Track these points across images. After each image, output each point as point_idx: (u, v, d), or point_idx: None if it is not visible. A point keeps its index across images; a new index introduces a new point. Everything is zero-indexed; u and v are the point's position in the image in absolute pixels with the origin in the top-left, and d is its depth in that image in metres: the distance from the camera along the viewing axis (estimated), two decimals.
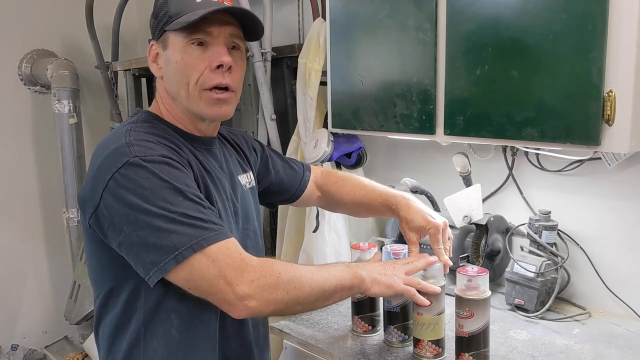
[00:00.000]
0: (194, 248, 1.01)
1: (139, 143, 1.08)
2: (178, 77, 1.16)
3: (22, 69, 2.96)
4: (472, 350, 1.26)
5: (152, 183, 1.03)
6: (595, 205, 1.66)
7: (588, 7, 1.24)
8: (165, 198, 1.02)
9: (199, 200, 1.06)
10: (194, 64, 1.14)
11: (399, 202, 1.41)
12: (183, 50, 1.14)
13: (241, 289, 1.01)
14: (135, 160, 1.04)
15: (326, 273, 1.12)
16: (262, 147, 1.51)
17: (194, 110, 1.19)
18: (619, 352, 1.39)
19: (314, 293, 1.08)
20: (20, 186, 3.02)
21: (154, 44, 1.21)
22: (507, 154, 1.79)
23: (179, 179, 1.05)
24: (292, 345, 1.52)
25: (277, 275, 1.05)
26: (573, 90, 1.29)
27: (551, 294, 1.60)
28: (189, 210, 1.03)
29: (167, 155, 1.08)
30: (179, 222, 1.01)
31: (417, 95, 1.61)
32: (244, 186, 1.33)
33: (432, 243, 1.35)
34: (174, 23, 1.13)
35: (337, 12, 1.82)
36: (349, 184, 1.54)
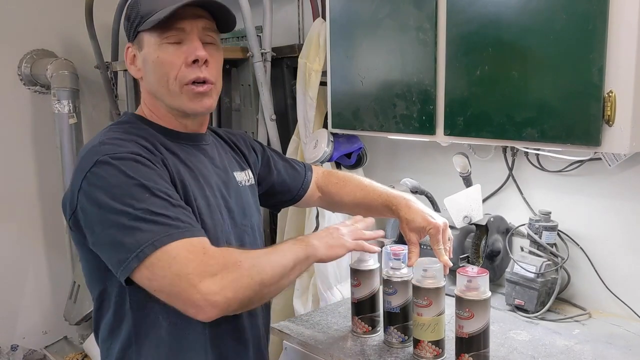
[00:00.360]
0: (155, 245, 0.98)
1: (111, 142, 1.09)
2: (157, 76, 1.17)
3: (22, 69, 2.96)
4: (472, 351, 1.26)
5: (119, 180, 1.02)
6: (596, 206, 1.65)
7: (588, 7, 1.24)
8: (132, 195, 1.01)
9: (166, 197, 1.04)
10: (170, 60, 1.15)
11: (399, 203, 1.40)
12: (158, 48, 1.15)
13: (205, 285, 0.96)
14: (104, 159, 1.04)
15: (280, 251, 1.11)
16: (263, 147, 1.50)
17: (177, 106, 1.19)
18: (619, 353, 1.39)
19: (276, 272, 1.06)
20: (20, 186, 3.02)
21: (129, 46, 1.21)
22: (507, 154, 1.79)
23: (146, 176, 1.04)
24: (292, 346, 1.52)
25: (239, 264, 1.02)
26: (573, 91, 1.29)
27: (551, 294, 1.60)
28: (155, 207, 1.01)
29: (137, 152, 1.07)
30: (143, 219, 0.99)
31: (417, 95, 1.61)
32: (240, 183, 1.32)
33: (432, 244, 1.35)
34: (146, 22, 1.14)
35: (337, 12, 1.81)
36: (350, 184, 1.53)
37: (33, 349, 3.11)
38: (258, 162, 1.46)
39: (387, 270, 1.42)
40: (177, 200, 1.07)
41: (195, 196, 1.16)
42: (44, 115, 3.00)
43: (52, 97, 2.87)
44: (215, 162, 1.28)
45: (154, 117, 1.22)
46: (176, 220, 1.02)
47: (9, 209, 2.97)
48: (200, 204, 1.16)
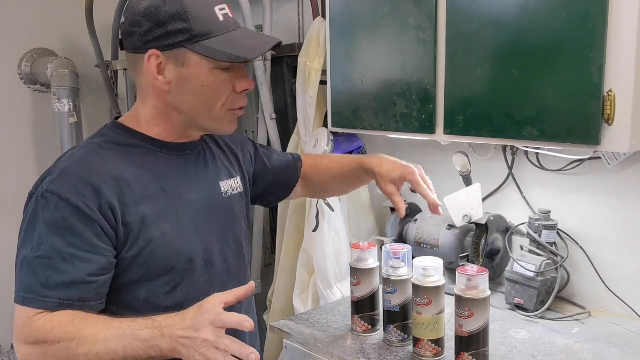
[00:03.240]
0: (15, 299, 1.07)
1: (56, 173, 1.10)
2: (202, 100, 1.14)
3: (22, 68, 2.96)
4: (471, 350, 1.26)
5: (32, 218, 1.08)
6: (595, 205, 1.65)
7: (588, 7, 1.24)
8: (32, 237, 1.07)
9: (54, 256, 1.05)
10: (221, 88, 1.14)
11: (372, 161, 1.41)
12: (210, 73, 1.12)
13: (18, 347, 1.06)
14: (38, 191, 1.08)
15: (115, 339, 1.01)
16: (255, 147, 1.49)
17: (211, 127, 1.20)
18: (618, 352, 1.39)
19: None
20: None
21: (156, 54, 1.10)
22: (507, 153, 1.79)
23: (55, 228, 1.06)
24: (292, 345, 1.52)
25: (47, 343, 1.04)
26: (573, 90, 1.29)
27: (551, 293, 1.60)
28: (37, 264, 1.06)
29: (65, 197, 1.06)
30: (24, 269, 1.07)
31: (417, 94, 1.61)
32: (225, 193, 1.29)
33: (415, 188, 1.34)
34: (203, 48, 1.09)
35: (337, 11, 1.81)
36: (324, 162, 1.56)
37: None
38: (252, 165, 1.44)
39: (387, 269, 1.42)
40: (69, 262, 1.05)
41: (163, 222, 1.14)
42: (44, 114, 3.00)
43: (52, 96, 2.87)
44: (200, 173, 1.25)
45: (145, 127, 1.18)
46: (42, 285, 1.05)
47: (9, 208, 2.97)
48: (168, 229, 1.14)
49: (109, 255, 1.08)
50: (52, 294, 1.04)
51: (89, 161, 1.11)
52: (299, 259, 2.12)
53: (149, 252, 1.11)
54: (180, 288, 1.16)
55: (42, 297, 1.04)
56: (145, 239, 1.11)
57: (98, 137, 1.18)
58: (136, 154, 1.16)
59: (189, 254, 1.17)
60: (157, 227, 1.13)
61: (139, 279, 1.13)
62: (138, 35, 1.11)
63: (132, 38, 1.12)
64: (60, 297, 1.04)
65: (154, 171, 1.16)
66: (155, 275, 1.13)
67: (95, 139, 1.17)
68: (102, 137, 1.18)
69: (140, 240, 1.10)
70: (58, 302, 1.04)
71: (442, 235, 1.74)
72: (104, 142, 1.16)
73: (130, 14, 1.12)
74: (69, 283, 1.05)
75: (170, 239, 1.14)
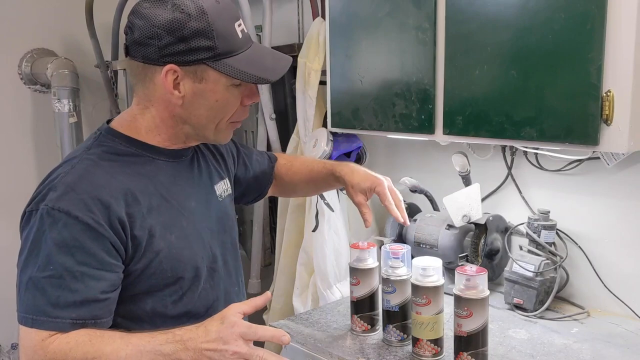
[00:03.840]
0: (22, 321, 1.05)
1: (59, 188, 1.04)
2: (213, 114, 1.14)
3: (22, 68, 2.96)
4: (470, 350, 1.26)
5: (36, 238, 1.04)
6: (594, 205, 1.66)
7: (587, 7, 1.25)
8: (38, 257, 1.03)
9: (65, 276, 1.02)
10: (233, 102, 1.14)
11: (343, 170, 1.44)
12: (226, 90, 1.12)
13: None
14: (42, 210, 1.03)
15: (137, 356, 1.00)
16: (237, 147, 1.49)
17: (212, 138, 1.19)
18: (617, 352, 1.39)
19: None
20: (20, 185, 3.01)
21: (174, 69, 1.08)
22: (506, 153, 1.79)
23: (64, 247, 1.02)
24: (292, 345, 1.52)
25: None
26: (572, 90, 1.30)
27: (550, 293, 1.61)
28: (47, 284, 1.02)
29: (74, 215, 1.02)
30: (30, 290, 1.04)
31: (416, 94, 1.61)
32: (219, 196, 1.30)
33: (381, 201, 1.38)
34: (225, 66, 1.08)
35: (336, 12, 1.82)
36: (296, 163, 1.58)
37: None
38: (235, 165, 1.45)
39: (386, 269, 1.43)
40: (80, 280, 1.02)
41: (169, 232, 1.13)
42: (44, 114, 3.00)
43: (52, 96, 2.87)
44: (196, 179, 1.25)
45: (146, 135, 1.16)
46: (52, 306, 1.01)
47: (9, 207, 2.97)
48: (174, 239, 1.14)
49: (119, 271, 1.07)
50: (63, 314, 1.01)
51: (94, 175, 1.07)
52: (299, 259, 2.12)
53: (157, 263, 1.10)
54: (186, 297, 1.16)
55: (54, 318, 1.01)
56: (153, 251, 1.10)
57: (96, 146, 1.13)
58: (137, 163, 1.14)
59: (195, 262, 1.17)
60: (164, 238, 1.12)
61: (147, 290, 1.12)
62: (155, 47, 1.06)
63: (146, 49, 1.07)
64: (73, 316, 1.02)
65: (156, 180, 1.15)
66: (163, 286, 1.13)
67: (94, 149, 1.12)
68: (101, 146, 1.13)
69: (148, 252, 1.09)
70: (71, 322, 1.02)
71: (441, 235, 1.75)
72: (104, 153, 1.12)
73: (146, 24, 1.06)
74: (80, 302, 1.02)
75: (177, 249, 1.14)
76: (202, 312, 1.18)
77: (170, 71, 1.08)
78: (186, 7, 1.06)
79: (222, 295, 1.24)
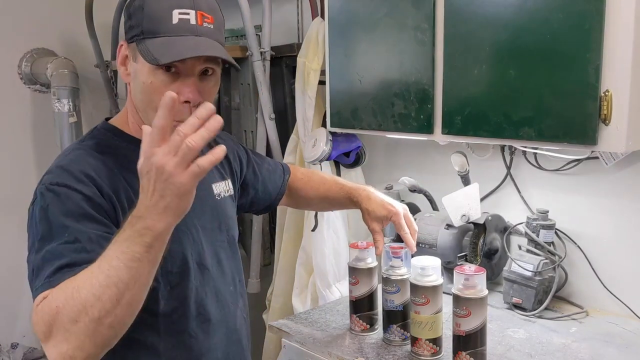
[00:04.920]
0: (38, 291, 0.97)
1: (55, 171, 1.07)
2: (145, 99, 1.11)
3: (22, 67, 2.96)
4: (469, 349, 1.26)
5: (41, 213, 1.03)
6: (593, 204, 1.66)
7: (585, 7, 1.25)
8: (43, 230, 1.02)
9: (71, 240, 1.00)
10: (161, 90, 1.03)
11: (360, 195, 1.46)
12: (151, 72, 1.07)
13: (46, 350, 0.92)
14: (41, 188, 1.05)
15: (105, 261, 0.90)
16: (247, 153, 1.49)
17: None
18: (616, 351, 1.40)
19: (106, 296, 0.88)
20: (20, 185, 3.01)
21: (123, 44, 1.12)
22: (505, 153, 1.80)
23: (67, 211, 1.01)
24: (291, 344, 1.53)
25: (57, 312, 0.89)
26: (570, 90, 1.30)
27: (549, 292, 1.61)
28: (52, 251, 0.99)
29: (72, 186, 1.04)
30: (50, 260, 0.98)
31: (415, 94, 1.62)
32: (218, 195, 1.29)
33: (397, 230, 1.41)
34: (145, 47, 1.06)
35: (335, 12, 1.82)
36: (314, 179, 1.58)
37: (33, 347, 3.11)
38: (243, 171, 1.44)
39: (388, 268, 1.43)
40: (85, 241, 1.00)
41: None
42: (44, 114, 3.00)
43: (52, 96, 2.87)
44: None
45: (135, 128, 1.17)
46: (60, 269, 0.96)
47: (9, 207, 2.98)
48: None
49: None
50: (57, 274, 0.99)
51: (85, 160, 1.10)
52: (298, 259, 2.12)
53: None
54: (175, 292, 1.15)
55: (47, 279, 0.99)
56: None
57: (89, 139, 1.16)
58: (127, 156, 1.12)
59: (183, 257, 1.16)
60: None
61: None
62: (123, 29, 1.14)
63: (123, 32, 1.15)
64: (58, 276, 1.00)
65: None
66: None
67: (87, 142, 1.16)
68: (94, 139, 1.16)
69: None
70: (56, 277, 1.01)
71: (440, 234, 1.75)
72: (96, 145, 1.14)
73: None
74: (72, 260, 1.00)
75: (179, 231, 1.12)
76: (193, 311, 1.18)
77: (122, 46, 1.13)
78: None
79: (212, 294, 1.22)
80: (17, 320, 3.05)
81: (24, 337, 3.08)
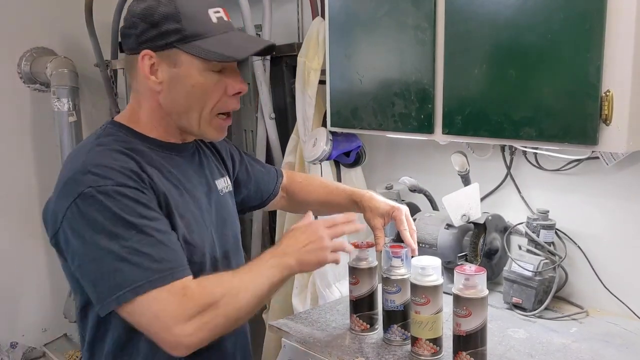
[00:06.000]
0: (136, 291, 0.99)
1: (93, 170, 1.04)
2: (192, 101, 1.14)
3: (22, 67, 2.96)
4: (469, 349, 1.26)
5: (105, 216, 1.01)
6: (593, 205, 1.66)
7: (586, 7, 1.25)
8: (117, 232, 1.01)
9: (153, 234, 1.03)
10: (212, 90, 1.14)
11: (364, 196, 1.50)
12: (201, 74, 1.12)
13: (180, 328, 1.00)
14: (89, 192, 1.02)
15: (259, 277, 1.10)
16: (240, 153, 1.50)
17: (199, 133, 1.19)
18: (616, 351, 1.40)
19: (251, 305, 1.08)
20: (20, 184, 3.02)
21: (149, 55, 1.11)
22: (506, 153, 1.80)
23: (133, 211, 1.03)
24: (291, 344, 1.53)
25: (216, 304, 1.03)
26: (571, 90, 1.30)
27: (549, 292, 1.61)
28: (140, 246, 1.01)
29: (123, 183, 1.04)
30: (127, 261, 1.00)
31: (415, 94, 1.61)
32: (220, 191, 1.31)
33: (397, 225, 1.44)
34: (195, 48, 1.10)
35: (335, 11, 1.82)
36: (313, 183, 1.61)
37: (32, 346, 3.12)
38: (236, 169, 1.46)
39: (388, 268, 1.43)
40: (164, 233, 1.05)
41: (182, 215, 1.15)
42: (44, 114, 3.00)
43: (51, 95, 2.87)
44: (198, 172, 1.26)
45: (147, 128, 1.18)
46: (161, 261, 1.02)
47: (8, 206, 2.98)
48: (187, 222, 1.16)
49: None
50: (172, 262, 1.03)
51: (112, 155, 1.10)
52: None
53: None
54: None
55: (170, 269, 1.02)
56: (173, 228, 1.12)
57: (104, 136, 1.16)
58: (144, 152, 1.15)
59: (203, 249, 1.18)
60: (182, 218, 1.15)
61: None
62: (134, 36, 1.12)
63: (129, 40, 1.13)
64: (178, 263, 1.05)
65: (163, 169, 1.17)
66: None
67: (102, 138, 1.15)
68: (109, 136, 1.16)
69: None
70: (182, 268, 1.05)
71: (441, 234, 1.75)
72: (113, 141, 1.14)
73: (127, 17, 1.14)
74: (173, 250, 1.06)
75: (189, 232, 1.15)
76: None
77: (147, 56, 1.11)
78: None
79: None
80: (16, 320, 3.05)
81: (24, 336, 3.08)
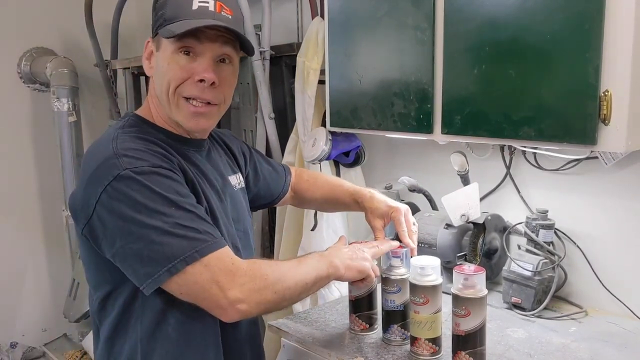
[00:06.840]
0: (186, 261, 1.03)
1: (127, 153, 1.07)
2: (161, 82, 1.16)
3: (22, 67, 2.97)
4: (468, 349, 1.26)
5: (144, 195, 1.04)
6: (593, 204, 1.66)
7: (585, 7, 1.25)
8: (158, 209, 1.03)
9: (191, 209, 1.07)
10: (177, 72, 1.14)
11: (364, 195, 1.52)
12: (171, 57, 1.14)
13: (233, 293, 1.05)
14: (126, 173, 1.04)
15: (306, 266, 1.17)
16: (250, 150, 1.52)
17: (174, 118, 1.19)
18: (615, 351, 1.40)
19: (298, 288, 1.14)
20: (20, 184, 3.03)
21: (150, 41, 1.20)
22: (505, 152, 1.80)
23: (170, 189, 1.06)
24: (290, 344, 1.53)
25: (265, 277, 1.09)
26: (570, 90, 1.30)
27: (548, 292, 1.61)
28: (182, 220, 1.05)
29: (157, 164, 1.08)
30: (172, 234, 1.03)
31: (414, 94, 1.62)
32: (234, 187, 1.34)
33: (396, 226, 1.45)
34: (165, 29, 1.13)
35: (335, 11, 1.82)
36: (319, 181, 1.63)
37: (32, 346, 3.12)
38: (246, 166, 1.48)
39: (388, 268, 1.43)
40: (200, 209, 1.10)
41: (210, 201, 1.19)
42: (44, 113, 3.01)
43: (51, 95, 2.88)
44: (213, 167, 1.29)
45: (160, 120, 1.22)
46: (204, 233, 1.06)
47: (8, 206, 2.98)
48: (214, 208, 1.20)
49: None
50: (211, 235, 1.07)
51: (143, 142, 1.13)
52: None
53: None
54: None
55: (212, 239, 1.07)
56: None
57: (128, 127, 1.19)
58: (167, 143, 1.18)
59: (225, 239, 1.19)
60: (209, 205, 1.18)
61: None
62: (151, 28, 1.19)
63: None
64: (217, 234, 1.09)
65: (187, 160, 1.19)
66: None
67: (127, 128, 1.18)
68: (133, 127, 1.19)
69: None
70: (223, 239, 1.10)
71: (440, 234, 1.75)
72: (137, 132, 1.17)
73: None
74: (211, 224, 1.10)
75: (215, 221, 1.18)
76: None
77: (149, 43, 1.20)
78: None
79: None
80: (16, 320, 3.05)
81: (23, 336, 3.08)
